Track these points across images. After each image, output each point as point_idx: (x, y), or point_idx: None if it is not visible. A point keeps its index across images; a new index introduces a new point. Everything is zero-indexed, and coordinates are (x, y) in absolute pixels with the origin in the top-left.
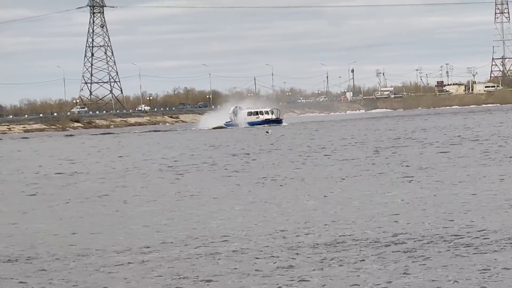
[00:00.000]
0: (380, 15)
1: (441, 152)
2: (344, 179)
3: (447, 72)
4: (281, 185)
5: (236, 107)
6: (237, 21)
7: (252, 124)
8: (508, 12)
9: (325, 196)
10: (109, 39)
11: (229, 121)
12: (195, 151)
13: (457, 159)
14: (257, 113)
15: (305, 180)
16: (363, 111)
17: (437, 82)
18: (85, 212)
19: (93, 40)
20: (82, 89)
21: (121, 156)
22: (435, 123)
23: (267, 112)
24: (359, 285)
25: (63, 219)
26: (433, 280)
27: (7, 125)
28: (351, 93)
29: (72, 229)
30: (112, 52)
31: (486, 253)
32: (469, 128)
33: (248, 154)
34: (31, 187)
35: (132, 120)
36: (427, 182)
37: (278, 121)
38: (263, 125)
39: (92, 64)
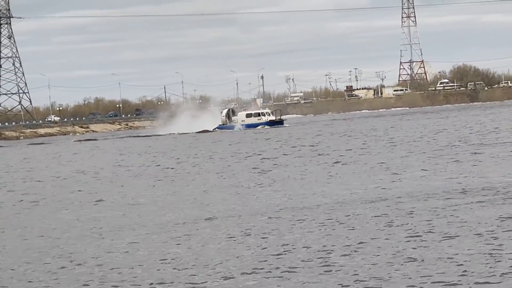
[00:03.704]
0: (292, 21)
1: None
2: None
3: (356, 76)
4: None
5: (229, 109)
6: (148, 30)
7: (253, 126)
8: (415, 16)
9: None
10: (17, 50)
11: (222, 124)
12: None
13: None
14: (258, 114)
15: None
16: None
17: (346, 87)
18: None
19: (0, 51)
20: None
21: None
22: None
23: (268, 114)
24: None
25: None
26: None
27: None
28: (261, 99)
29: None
30: (20, 63)
31: None
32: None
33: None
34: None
35: (42, 131)
36: None
37: (280, 122)
38: (266, 127)
39: (0, 76)
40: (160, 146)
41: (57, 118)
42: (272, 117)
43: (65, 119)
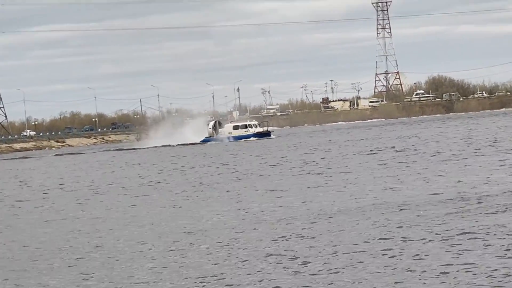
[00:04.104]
0: (268, 33)
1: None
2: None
3: (332, 88)
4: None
5: (216, 121)
6: (124, 43)
7: (240, 138)
8: (390, 27)
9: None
10: None
11: (209, 136)
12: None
13: None
14: (245, 126)
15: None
16: (260, 129)
17: (322, 98)
18: None
19: None
20: None
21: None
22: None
23: (255, 125)
24: None
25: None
26: None
27: None
28: (238, 112)
29: None
30: None
31: None
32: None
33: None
34: None
35: (17, 145)
36: None
37: (268, 134)
38: (254, 139)
39: None
40: (151, 159)
41: (32, 133)
42: (260, 129)
43: (41, 134)
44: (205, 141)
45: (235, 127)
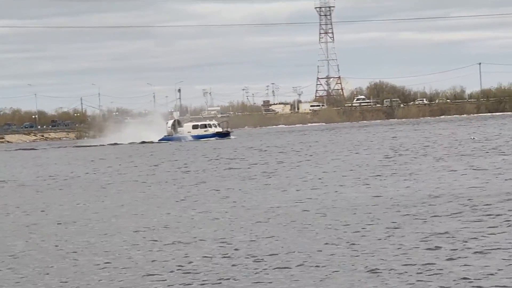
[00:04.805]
0: (211, 35)
1: None
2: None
3: (273, 91)
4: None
5: (175, 120)
6: (66, 41)
7: (199, 137)
8: (332, 32)
9: None
10: None
11: (168, 135)
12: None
13: None
14: (205, 126)
15: None
16: (220, 128)
17: (264, 101)
18: None
19: None
20: None
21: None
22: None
23: (215, 125)
24: None
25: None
26: None
27: None
28: (178, 112)
29: None
30: None
31: None
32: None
33: None
34: None
35: None
36: None
37: (227, 134)
38: (213, 139)
39: None
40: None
41: None
42: (219, 129)
43: None
44: (164, 139)
45: (195, 127)
